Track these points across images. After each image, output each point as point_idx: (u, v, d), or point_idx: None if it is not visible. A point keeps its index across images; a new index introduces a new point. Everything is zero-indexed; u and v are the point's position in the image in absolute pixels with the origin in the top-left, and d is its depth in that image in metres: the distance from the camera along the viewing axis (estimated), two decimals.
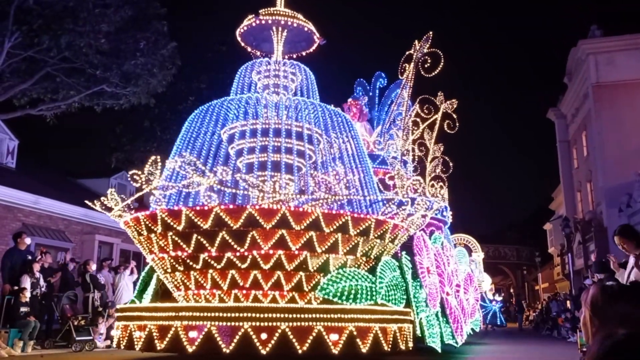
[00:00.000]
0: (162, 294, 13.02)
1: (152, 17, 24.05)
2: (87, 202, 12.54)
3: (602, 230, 35.42)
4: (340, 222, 11.59)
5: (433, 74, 16.76)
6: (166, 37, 24.22)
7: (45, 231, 23.44)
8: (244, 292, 11.63)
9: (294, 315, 10.66)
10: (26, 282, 14.70)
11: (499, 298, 41.35)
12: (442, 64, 16.54)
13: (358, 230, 11.83)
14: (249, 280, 11.52)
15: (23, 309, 14.11)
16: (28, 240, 16.16)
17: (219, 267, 11.52)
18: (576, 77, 41.48)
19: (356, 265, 12.25)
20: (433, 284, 14.19)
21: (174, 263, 11.91)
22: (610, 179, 35.59)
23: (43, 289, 15.58)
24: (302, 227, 11.33)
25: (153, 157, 11.09)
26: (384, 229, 12.25)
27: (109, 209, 12.06)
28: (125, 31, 23.09)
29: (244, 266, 11.43)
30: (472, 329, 19.33)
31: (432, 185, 17.33)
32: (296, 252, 11.45)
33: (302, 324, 10.67)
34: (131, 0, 22.73)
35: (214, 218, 11.19)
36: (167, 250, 11.77)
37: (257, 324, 10.51)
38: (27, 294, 14.42)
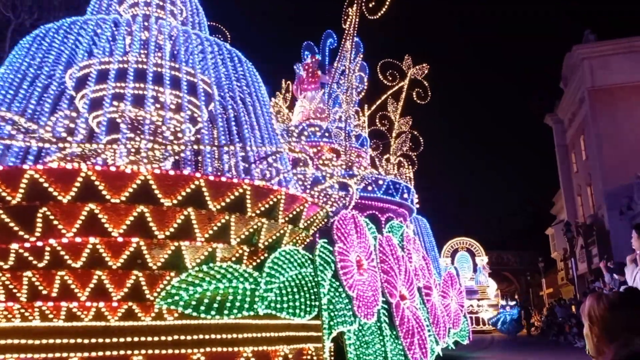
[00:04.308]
0: None
1: None
2: None
3: (605, 233, 32.74)
4: (189, 190, 6.39)
5: (379, 14, 11.54)
6: None
7: None
8: (52, 304, 6.44)
9: (96, 340, 5.51)
10: None
11: (512, 303, 35.03)
12: (387, 2, 11.31)
13: (223, 204, 6.62)
14: (54, 286, 6.35)
15: None
16: None
17: (5, 267, 6.39)
18: (572, 81, 38.52)
19: (234, 259, 7.01)
20: (367, 285, 8.69)
21: None
22: (610, 182, 32.31)
23: None
24: (124, 198, 6.16)
25: None
26: (272, 202, 7.02)
27: None
28: None
29: (41, 264, 6.30)
30: (455, 342, 13.81)
31: (387, 160, 12.04)
32: (120, 239, 6.28)
33: (112, 352, 5.49)
34: None
35: None
36: None
37: (30, 355, 5.35)
38: None
